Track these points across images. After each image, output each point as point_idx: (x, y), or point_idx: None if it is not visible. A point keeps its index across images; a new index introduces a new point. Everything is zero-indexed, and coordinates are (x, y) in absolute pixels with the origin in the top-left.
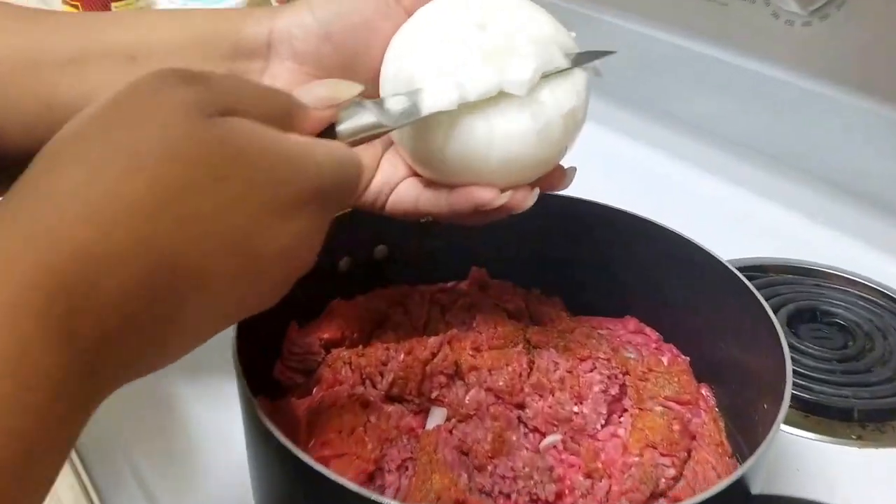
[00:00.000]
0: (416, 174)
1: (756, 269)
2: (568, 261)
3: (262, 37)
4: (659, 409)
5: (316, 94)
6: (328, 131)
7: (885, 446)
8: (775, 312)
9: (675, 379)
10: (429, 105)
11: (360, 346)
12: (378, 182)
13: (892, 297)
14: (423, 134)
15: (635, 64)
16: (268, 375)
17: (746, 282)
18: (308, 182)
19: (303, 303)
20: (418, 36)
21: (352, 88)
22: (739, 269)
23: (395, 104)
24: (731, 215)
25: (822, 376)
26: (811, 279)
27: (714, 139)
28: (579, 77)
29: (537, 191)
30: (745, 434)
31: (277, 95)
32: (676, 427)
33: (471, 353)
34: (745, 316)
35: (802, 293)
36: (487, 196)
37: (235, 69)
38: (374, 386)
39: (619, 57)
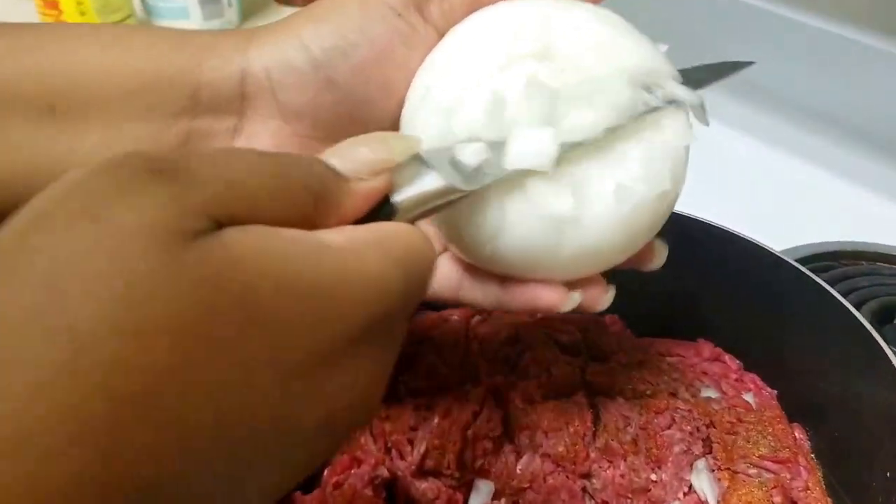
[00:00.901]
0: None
1: (826, 257)
2: (629, 272)
3: (232, 82)
4: (754, 472)
5: (358, 157)
6: (379, 208)
7: None
8: (857, 309)
9: (769, 429)
10: (517, 160)
11: (384, 405)
12: None
13: None
14: (467, 213)
15: (680, 20)
16: None
17: (845, 301)
18: (361, 311)
19: None
20: (462, 64)
21: (410, 144)
22: (809, 256)
23: (470, 156)
24: (794, 192)
25: None
26: (888, 266)
27: (771, 106)
28: (678, 126)
29: (613, 290)
30: (850, 489)
31: (299, 168)
32: (778, 499)
33: (521, 405)
34: (845, 339)
35: (883, 286)
36: (552, 299)
37: (194, 131)
38: (402, 458)
39: (657, 12)
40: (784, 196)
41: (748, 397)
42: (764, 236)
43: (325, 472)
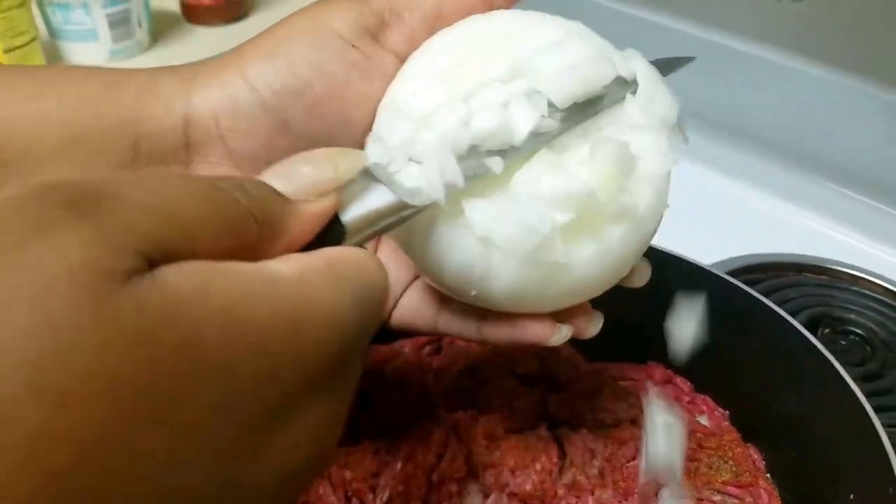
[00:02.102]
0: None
1: (758, 269)
2: None
3: (176, 132)
4: (718, 498)
5: (303, 177)
6: (327, 229)
7: None
8: None
9: (729, 454)
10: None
11: (342, 450)
12: None
13: None
14: (450, 254)
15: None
16: None
17: (793, 321)
18: (317, 350)
19: None
20: (431, 84)
21: (356, 160)
22: (737, 269)
23: (411, 179)
24: (726, 207)
25: None
26: (815, 277)
27: (703, 125)
28: (658, 152)
29: (601, 317)
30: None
31: (239, 192)
32: None
33: (485, 442)
34: (790, 353)
35: (812, 297)
36: (541, 334)
37: None
38: None
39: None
40: (708, 211)
41: (702, 420)
42: (693, 251)
43: None
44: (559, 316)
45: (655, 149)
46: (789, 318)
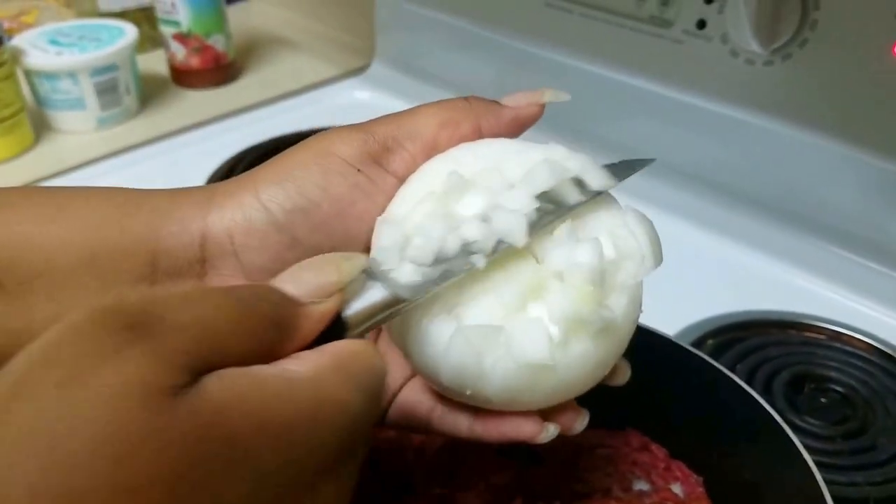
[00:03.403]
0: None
1: (736, 328)
2: None
3: (192, 249)
4: None
5: (309, 283)
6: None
7: None
8: (769, 383)
9: None
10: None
11: None
12: None
13: (883, 351)
14: (446, 357)
15: (592, 105)
16: None
17: (752, 391)
18: (333, 439)
19: None
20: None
21: (356, 263)
22: (717, 329)
23: (407, 275)
24: (696, 263)
25: (831, 460)
26: (797, 333)
27: (671, 180)
28: (632, 266)
29: (587, 414)
30: None
31: (261, 301)
32: None
33: None
34: (750, 422)
35: (792, 355)
36: (530, 432)
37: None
38: None
39: (574, 98)
40: (692, 269)
41: (676, 488)
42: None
43: None
44: (548, 413)
45: (629, 260)
46: (748, 387)
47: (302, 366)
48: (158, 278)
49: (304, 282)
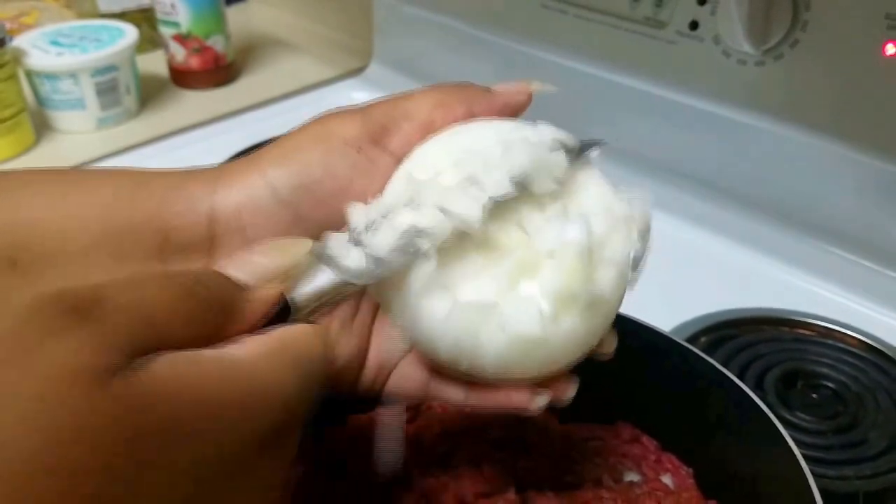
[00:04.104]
0: None
1: (728, 325)
2: None
3: (201, 227)
4: None
5: (256, 267)
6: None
7: None
8: (761, 379)
9: None
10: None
11: None
12: (374, 361)
13: (874, 347)
14: (442, 334)
15: (586, 105)
16: None
17: (742, 385)
18: (267, 418)
19: None
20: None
21: (300, 247)
22: (711, 327)
23: (357, 255)
24: (688, 259)
25: (821, 454)
26: (789, 330)
27: (665, 179)
28: (621, 237)
29: (577, 380)
30: None
31: (205, 285)
32: None
33: None
34: (742, 415)
35: (784, 352)
36: (522, 401)
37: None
38: None
39: (566, 97)
40: (685, 267)
41: (666, 479)
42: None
43: None
44: (540, 383)
45: (617, 234)
46: (737, 380)
47: (241, 349)
48: (168, 255)
49: (250, 266)
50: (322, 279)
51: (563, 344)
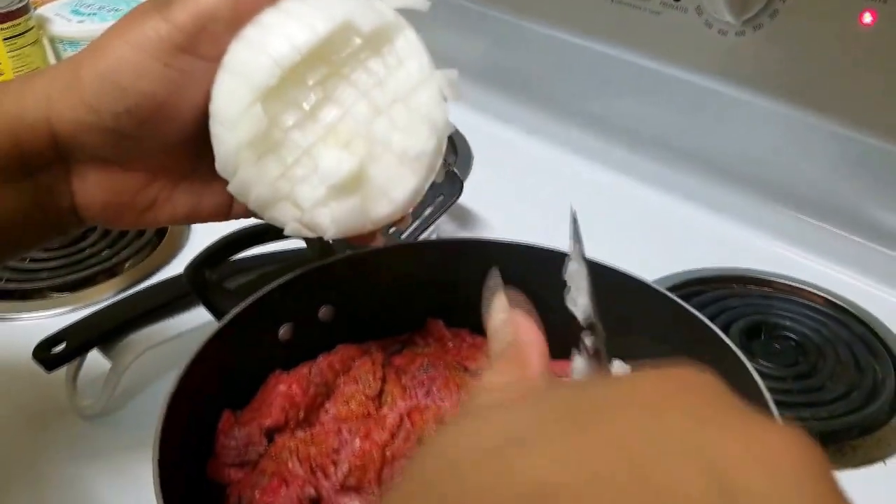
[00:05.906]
0: None
1: (698, 283)
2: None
3: (51, 148)
4: None
5: None
6: None
7: (846, 467)
8: (726, 329)
9: None
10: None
11: (308, 430)
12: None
13: (836, 303)
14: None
15: (565, 73)
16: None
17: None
18: None
19: (241, 383)
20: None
21: None
22: (681, 283)
23: None
24: (666, 225)
25: (781, 398)
26: (756, 287)
27: (646, 148)
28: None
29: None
30: None
31: None
32: None
33: (434, 427)
34: (716, 359)
35: (750, 306)
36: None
37: (41, 188)
38: (326, 477)
39: (547, 65)
40: (655, 228)
41: None
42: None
43: (257, 494)
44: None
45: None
46: (711, 324)
47: None
48: (33, 171)
49: None
50: None
51: (393, 190)
